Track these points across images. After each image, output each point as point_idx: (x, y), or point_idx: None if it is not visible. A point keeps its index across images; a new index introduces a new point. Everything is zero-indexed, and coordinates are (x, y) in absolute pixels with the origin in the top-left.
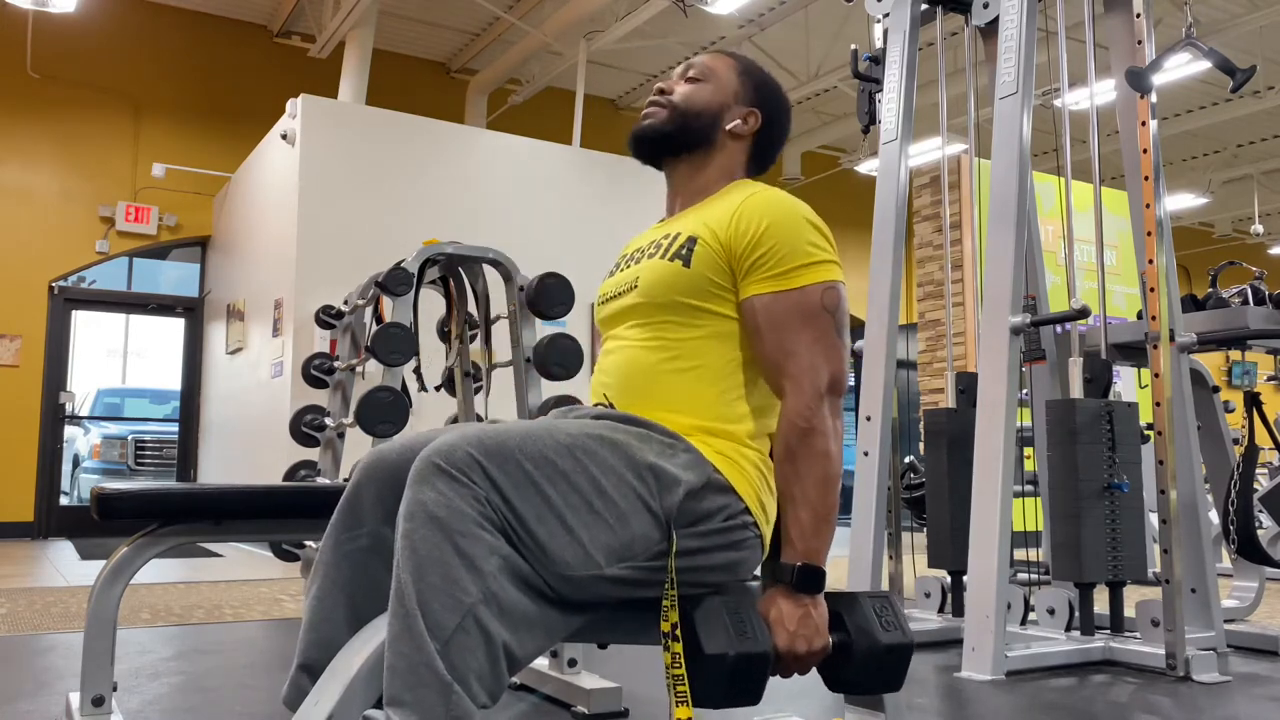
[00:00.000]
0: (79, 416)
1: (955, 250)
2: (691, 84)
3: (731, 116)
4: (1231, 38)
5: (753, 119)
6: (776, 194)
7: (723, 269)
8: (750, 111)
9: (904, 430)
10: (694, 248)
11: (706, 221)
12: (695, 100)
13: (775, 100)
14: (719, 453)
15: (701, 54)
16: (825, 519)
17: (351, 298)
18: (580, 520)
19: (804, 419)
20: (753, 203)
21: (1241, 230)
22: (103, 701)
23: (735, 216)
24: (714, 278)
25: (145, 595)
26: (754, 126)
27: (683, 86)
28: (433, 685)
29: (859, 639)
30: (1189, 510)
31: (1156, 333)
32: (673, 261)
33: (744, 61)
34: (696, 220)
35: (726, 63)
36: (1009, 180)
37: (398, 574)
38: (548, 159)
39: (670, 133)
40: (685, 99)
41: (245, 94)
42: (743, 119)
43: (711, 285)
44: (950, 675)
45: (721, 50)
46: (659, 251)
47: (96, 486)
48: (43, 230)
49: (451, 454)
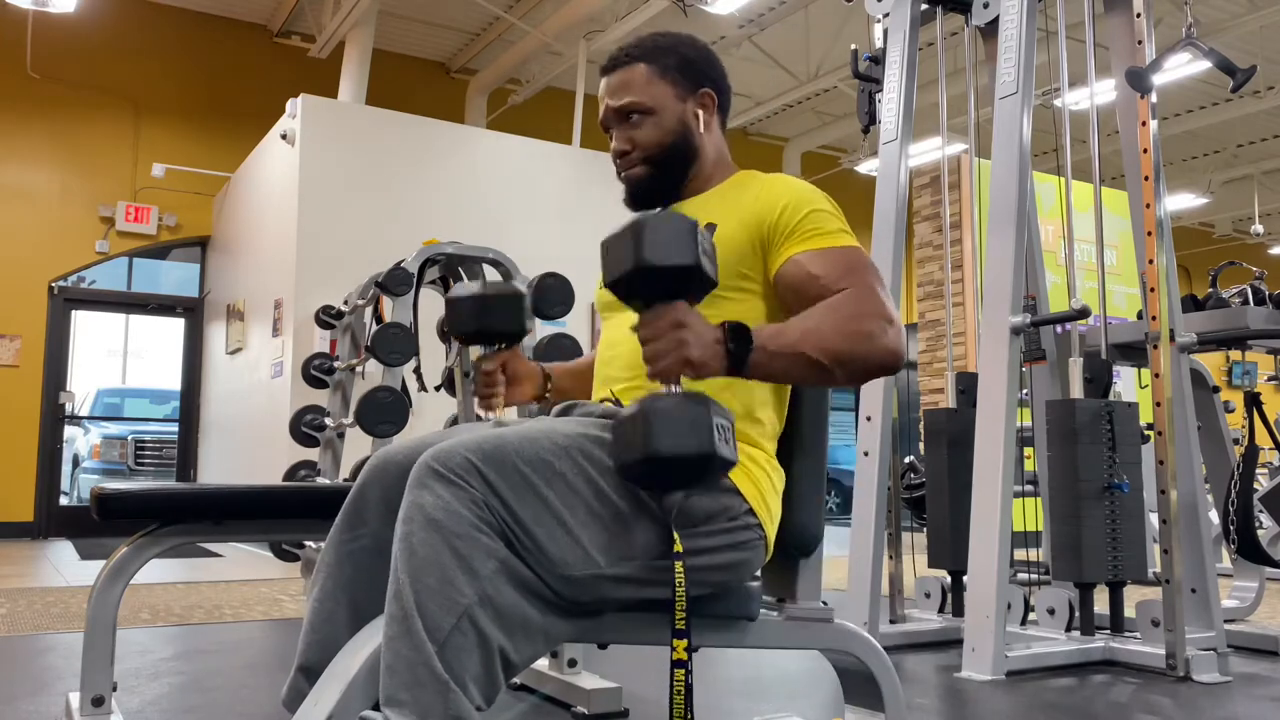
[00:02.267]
0: (79, 416)
1: (955, 250)
2: (640, 128)
3: (693, 116)
4: (1231, 38)
5: (709, 99)
6: (795, 179)
7: (744, 249)
8: (702, 94)
9: (904, 430)
10: (713, 231)
11: (724, 207)
12: (659, 137)
13: (705, 62)
14: (742, 464)
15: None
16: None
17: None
18: (579, 521)
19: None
20: (776, 182)
21: (1241, 230)
22: (103, 702)
23: (761, 194)
24: (731, 260)
25: (145, 595)
26: (713, 104)
27: (636, 135)
28: (430, 685)
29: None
30: (1189, 510)
31: (1156, 333)
32: None
33: (652, 56)
34: (711, 207)
35: (641, 75)
36: (1009, 180)
37: (395, 575)
38: (548, 159)
39: (660, 178)
40: (649, 143)
41: (245, 94)
42: (700, 107)
43: (729, 273)
44: (950, 675)
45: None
46: None
47: (96, 486)
48: (43, 230)
49: (449, 458)
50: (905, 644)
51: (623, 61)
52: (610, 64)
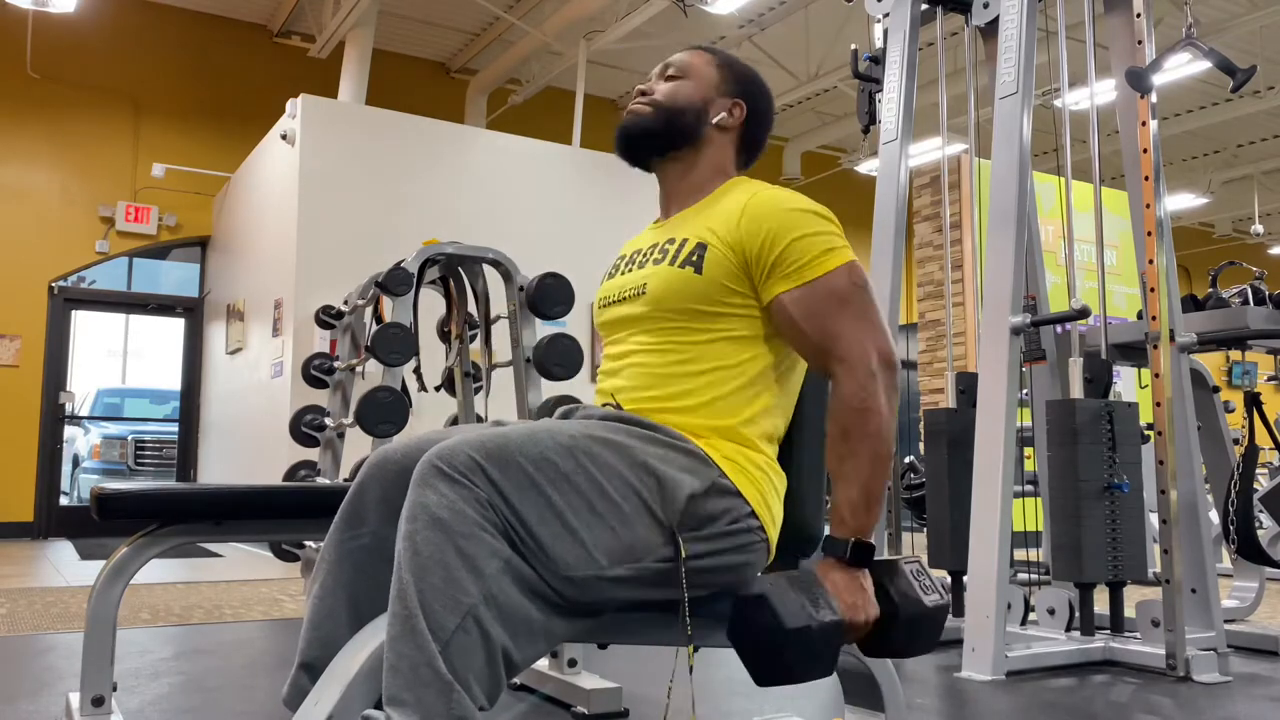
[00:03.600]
0: (79, 416)
1: (955, 250)
2: (672, 81)
3: (716, 110)
4: (1231, 38)
5: (738, 110)
6: (777, 192)
7: (736, 274)
8: (735, 103)
9: (904, 430)
10: (704, 254)
11: (712, 225)
12: (679, 96)
13: (757, 90)
14: (726, 456)
15: (679, 52)
16: (876, 496)
17: (351, 298)
18: (582, 521)
19: (858, 399)
20: (757, 204)
21: (1241, 230)
22: (103, 701)
23: (742, 219)
24: (727, 283)
25: (145, 595)
26: (740, 118)
27: (664, 84)
28: (434, 685)
29: (904, 605)
30: (1189, 510)
31: (1156, 333)
32: (684, 268)
33: (722, 55)
34: (700, 224)
35: (704, 57)
36: (1009, 180)
37: (399, 574)
38: (548, 159)
39: (656, 130)
40: (668, 95)
41: (245, 94)
42: (728, 111)
43: (724, 291)
44: (950, 675)
45: (699, 46)
46: (665, 257)
47: (96, 486)
48: (43, 230)
49: (453, 457)
50: None
51: (700, 47)
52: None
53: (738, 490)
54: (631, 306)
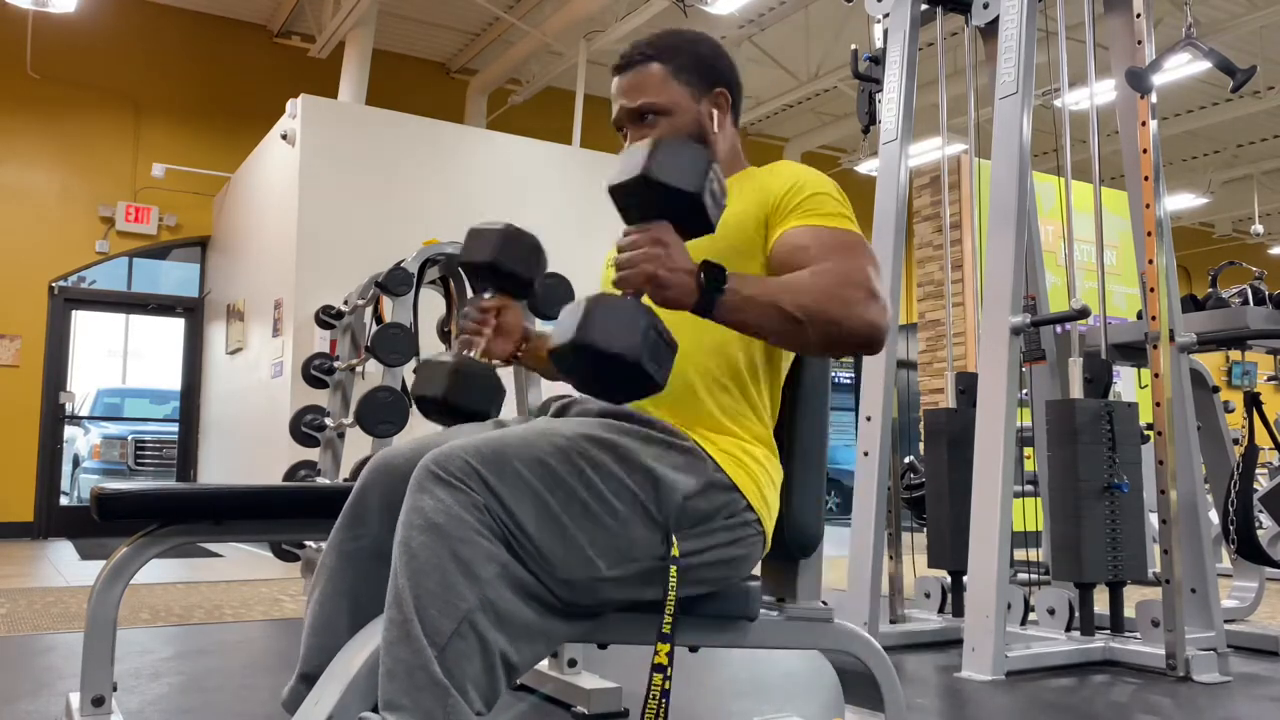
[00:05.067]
0: (79, 416)
1: (955, 250)
2: (655, 126)
3: (708, 117)
4: (1231, 38)
5: (723, 99)
6: (789, 164)
7: (751, 230)
8: (717, 94)
9: (904, 430)
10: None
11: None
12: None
13: (718, 61)
14: (723, 451)
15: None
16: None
17: (351, 298)
18: (578, 524)
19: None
20: (789, 166)
21: (1241, 230)
22: (103, 702)
23: (771, 176)
24: (740, 243)
25: (145, 595)
26: (727, 103)
27: (648, 129)
28: (429, 689)
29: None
30: (1189, 510)
31: (1156, 333)
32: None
33: (666, 56)
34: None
35: (657, 76)
36: (1009, 180)
37: (395, 580)
38: (548, 159)
39: None
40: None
41: (245, 94)
42: (717, 107)
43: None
44: (950, 675)
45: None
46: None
47: (96, 486)
48: (43, 230)
49: (449, 461)
50: (905, 644)
51: (636, 60)
52: (623, 62)
53: (734, 485)
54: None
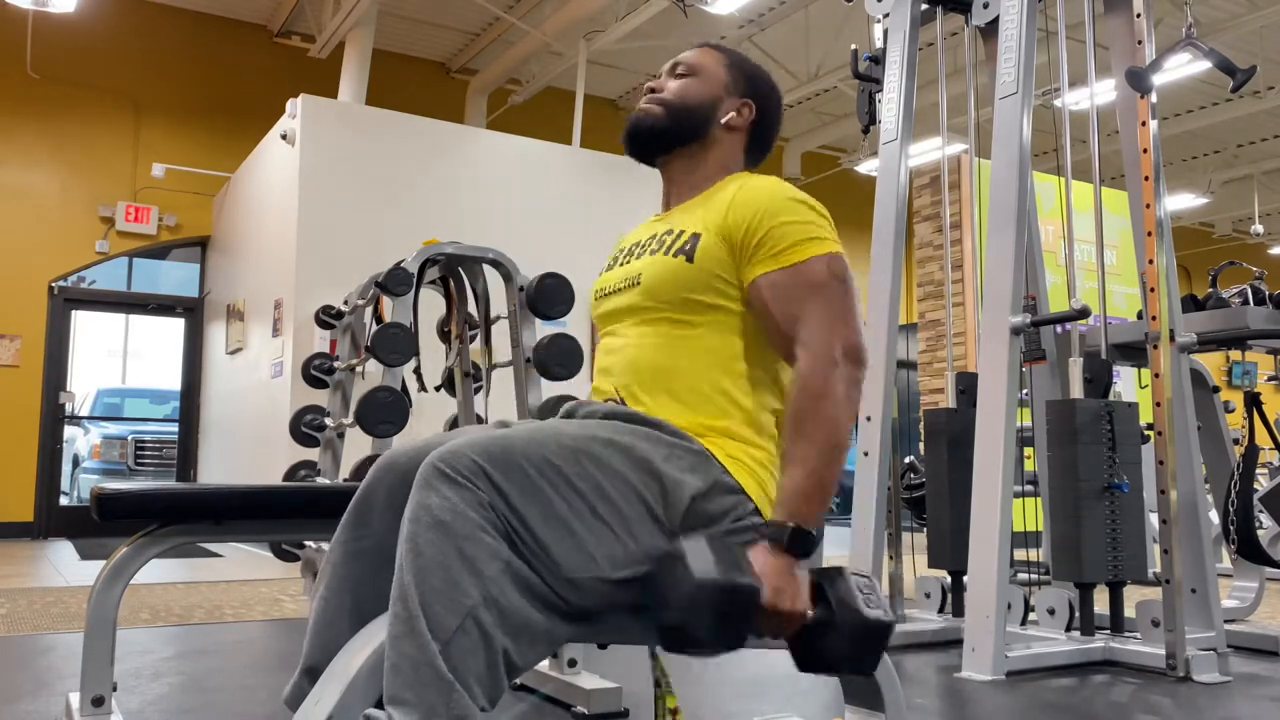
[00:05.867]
0: (79, 416)
1: (955, 250)
2: (682, 79)
3: (725, 109)
4: (1231, 38)
5: (747, 110)
6: (769, 180)
7: (725, 261)
8: (744, 103)
9: (904, 430)
10: (698, 243)
11: (707, 216)
12: (688, 95)
13: (767, 90)
14: (729, 455)
15: (688, 50)
16: (824, 486)
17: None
18: (584, 525)
19: (815, 383)
20: (746, 190)
21: (1241, 230)
22: (103, 702)
23: (730, 206)
24: (718, 271)
25: (145, 595)
26: (749, 118)
27: (673, 82)
28: (435, 684)
29: (841, 612)
30: (1189, 510)
31: (1156, 333)
32: (676, 257)
33: (732, 54)
34: (697, 216)
35: (714, 56)
36: (1009, 180)
37: (400, 576)
38: (548, 159)
39: (665, 128)
40: (678, 94)
41: (245, 94)
42: (736, 111)
43: (716, 280)
44: (950, 675)
45: (708, 44)
46: (661, 248)
47: (96, 486)
48: (43, 230)
49: (456, 459)
50: (905, 644)
51: (710, 45)
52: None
53: (740, 487)
54: (627, 297)
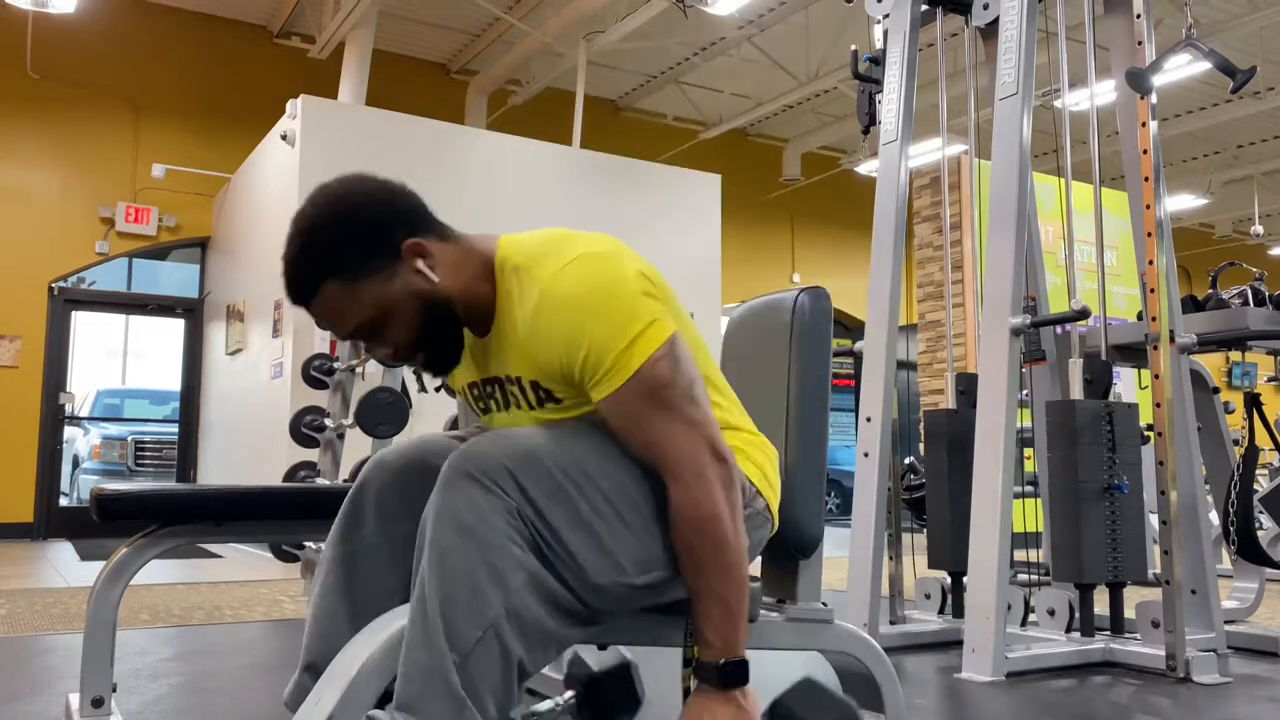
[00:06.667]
0: (79, 417)
1: (955, 251)
2: (379, 335)
3: (413, 274)
4: (1231, 38)
5: (417, 248)
6: (555, 286)
7: (576, 390)
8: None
9: (904, 431)
10: (543, 389)
11: (526, 357)
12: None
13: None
14: (733, 447)
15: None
16: (736, 608)
17: None
18: (609, 530)
19: (693, 511)
20: (543, 315)
21: (1242, 231)
22: (102, 703)
23: (537, 339)
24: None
25: (145, 596)
26: (419, 244)
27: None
28: (445, 698)
29: None
30: (1189, 511)
31: (1156, 334)
32: (543, 407)
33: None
34: (518, 358)
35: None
36: (1009, 181)
37: (422, 579)
38: (548, 159)
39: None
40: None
41: (245, 94)
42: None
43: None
44: (950, 676)
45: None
46: (522, 402)
47: (96, 487)
48: (42, 231)
49: (484, 462)
50: (905, 645)
51: (306, 293)
52: (295, 297)
53: (744, 476)
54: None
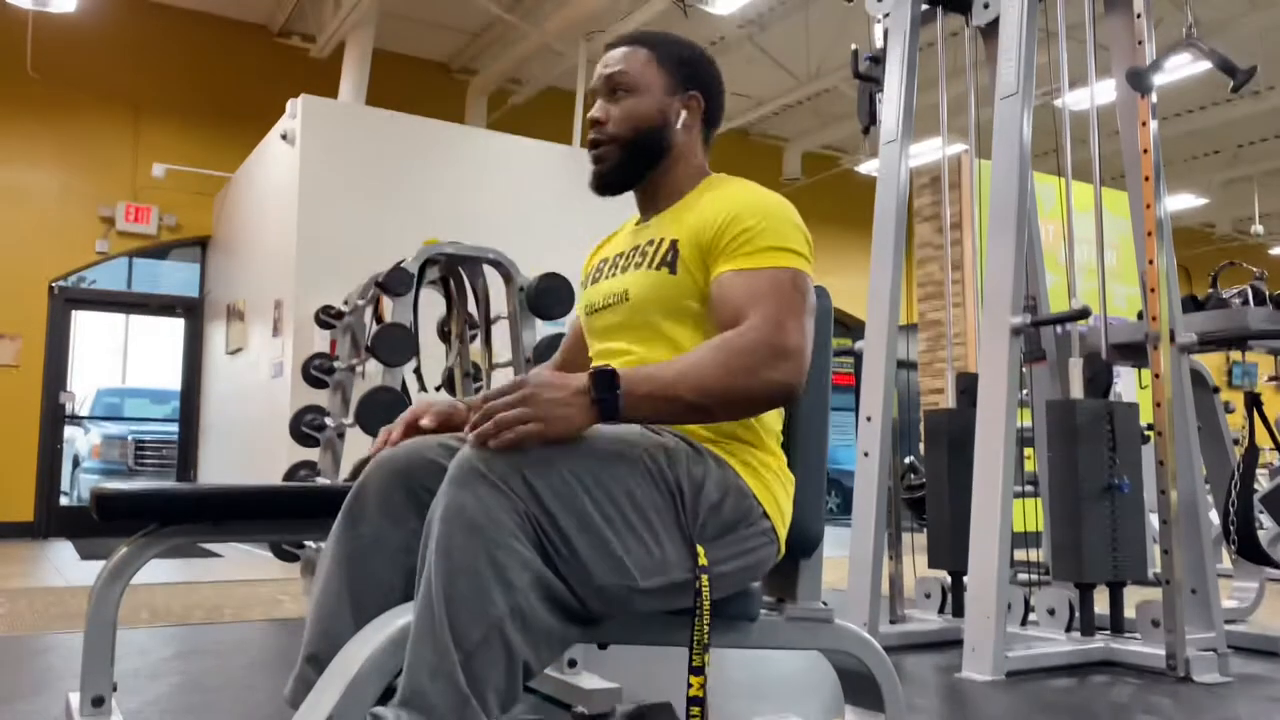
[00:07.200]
0: (79, 416)
1: (955, 250)
2: (622, 102)
3: (676, 114)
4: (1231, 38)
5: (695, 103)
6: (753, 186)
7: (702, 264)
8: (690, 97)
9: (904, 430)
10: (678, 253)
11: (686, 222)
12: (637, 120)
13: (705, 71)
14: (743, 462)
15: (612, 52)
16: (670, 395)
17: (351, 298)
18: (616, 533)
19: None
20: (728, 194)
21: (1242, 231)
22: (102, 702)
23: (710, 209)
24: (699, 276)
25: (145, 596)
26: (699, 110)
27: (615, 109)
28: (449, 695)
29: None
30: (1189, 511)
31: (1157, 333)
32: (659, 270)
33: (658, 45)
34: (677, 223)
35: (643, 57)
36: (1009, 181)
37: (428, 577)
38: (548, 159)
39: (628, 164)
40: (626, 123)
41: (245, 94)
42: (686, 108)
43: (700, 286)
44: (950, 676)
45: (627, 40)
46: (645, 260)
47: (96, 486)
48: (43, 230)
49: (494, 461)
50: (905, 644)
51: (628, 41)
52: (616, 41)
53: (753, 493)
54: (617, 314)
